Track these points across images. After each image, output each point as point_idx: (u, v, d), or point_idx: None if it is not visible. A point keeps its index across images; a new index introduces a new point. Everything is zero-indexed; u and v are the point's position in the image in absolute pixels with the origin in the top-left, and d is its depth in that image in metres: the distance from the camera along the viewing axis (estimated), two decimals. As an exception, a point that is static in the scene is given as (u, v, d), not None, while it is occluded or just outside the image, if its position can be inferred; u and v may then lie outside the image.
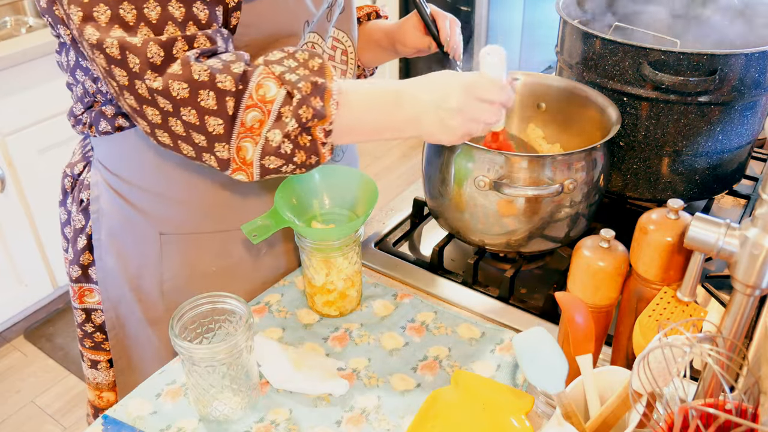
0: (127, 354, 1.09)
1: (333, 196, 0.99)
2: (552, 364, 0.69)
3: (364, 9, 1.18)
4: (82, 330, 1.10)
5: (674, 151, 1.09)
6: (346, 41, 1.01)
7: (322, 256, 0.92)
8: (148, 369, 1.07)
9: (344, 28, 1.01)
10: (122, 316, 1.06)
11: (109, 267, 1.03)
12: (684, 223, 0.71)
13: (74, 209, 1.05)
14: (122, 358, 1.09)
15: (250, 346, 0.80)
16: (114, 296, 1.04)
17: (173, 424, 0.82)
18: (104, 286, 1.04)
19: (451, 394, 0.79)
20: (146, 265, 1.01)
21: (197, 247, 0.99)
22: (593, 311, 0.75)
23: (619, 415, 0.68)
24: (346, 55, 1.02)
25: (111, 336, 1.07)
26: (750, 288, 0.61)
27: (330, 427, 0.81)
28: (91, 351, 1.12)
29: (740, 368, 0.68)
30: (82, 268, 1.05)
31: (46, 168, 2.15)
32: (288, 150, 0.79)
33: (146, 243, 0.99)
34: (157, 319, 1.04)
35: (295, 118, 0.78)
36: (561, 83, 1.15)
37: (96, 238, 1.02)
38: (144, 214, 0.98)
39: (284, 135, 0.78)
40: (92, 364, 1.13)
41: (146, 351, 1.08)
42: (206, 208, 0.97)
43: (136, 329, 1.06)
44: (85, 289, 1.07)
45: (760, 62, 1.02)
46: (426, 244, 1.16)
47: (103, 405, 1.16)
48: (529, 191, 0.93)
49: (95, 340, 1.10)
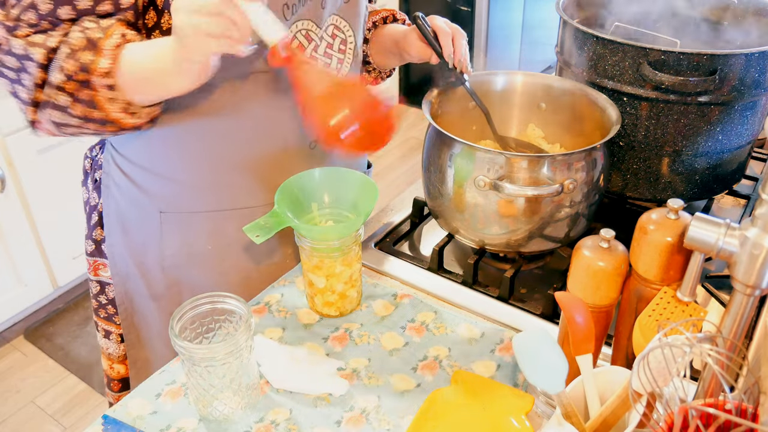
0: (136, 328, 1.14)
1: (333, 196, 0.99)
2: (552, 364, 0.69)
3: (381, 13, 1.19)
4: (97, 300, 1.17)
5: (674, 151, 1.10)
6: (347, 31, 1.03)
7: (322, 256, 0.92)
8: (154, 344, 1.14)
9: (348, 19, 1.03)
10: (130, 291, 1.11)
11: (116, 243, 1.09)
12: (684, 223, 0.71)
13: (90, 187, 1.12)
14: (131, 333, 1.15)
15: (250, 346, 0.80)
16: (122, 272, 1.10)
17: (173, 424, 0.82)
18: (113, 261, 1.10)
19: (451, 394, 0.79)
20: (148, 242, 1.06)
21: (193, 226, 1.04)
22: (593, 311, 0.75)
23: (619, 415, 0.68)
24: (345, 45, 1.03)
25: (120, 311, 1.13)
26: (750, 288, 0.61)
27: (330, 427, 0.81)
28: (105, 321, 1.17)
29: (740, 368, 0.68)
30: (95, 243, 1.13)
31: (46, 168, 2.14)
32: (66, 102, 0.84)
33: (148, 221, 1.05)
34: (159, 295, 1.09)
35: (64, 71, 0.82)
36: (561, 83, 1.15)
37: (106, 214, 1.09)
38: (146, 192, 1.04)
39: (57, 86, 0.83)
40: (105, 334, 1.19)
41: (152, 327, 1.13)
42: (201, 189, 1.01)
43: (142, 305, 1.11)
44: (99, 263, 1.13)
45: (760, 62, 1.02)
46: (426, 244, 1.16)
47: (114, 375, 1.22)
48: (529, 191, 0.93)
49: (108, 312, 1.16)
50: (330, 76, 0.84)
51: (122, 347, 1.18)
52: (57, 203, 2.20)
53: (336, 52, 1.03)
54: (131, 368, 1.18)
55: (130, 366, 1.18)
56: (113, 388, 1.23)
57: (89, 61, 0.82)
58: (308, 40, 0.97)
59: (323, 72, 0.84)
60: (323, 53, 1.01)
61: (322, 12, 0.97)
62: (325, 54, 1.01)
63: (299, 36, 0.96)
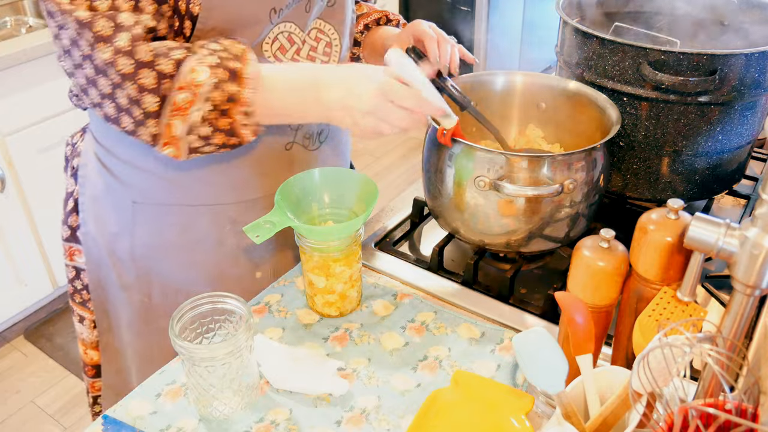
0: (108, 316, 1.15)
1: (333, 196, 0.99)
2: (552, 364, 0.69)
3: (373, 15, 1.19)
4: (72, 285, 1.17)
5: (674, 151, 1.09)
6: (332, 34, 1.03)
7: (322, 256, 0.92)
8: (122, 334, 1.15)
9: (333, 22, 1.03)
10: (102, 279, 1.12)
11: (90, 230, 1.10)
12: (684, 223, 0.71)
13: (69, 173, 1.12)
14: (103, 320, 1.16)
15: (250, 346, 0.80)
16: (95, 259, 1.11)
17: (173, 424, 0.82)
18: (87, 248, 1.11)
19: (451, 394, 0.79)
20: (121, 231, 1.06)
21: (165, 218, 1.04)
22: (593, 311, 0.75)
23: (619, 415, 0.68)
24: (330, 48, 1.04)
25: (93, 297, 1.14)
26: (750, 288, 0.61)
27: (330, 427, 0.81)
28: (79, 306, 1.18)
29: (740, 368, 0.68)
30: (70, 229, 1.14)
31: (46, 168, 2.15)
32: (207, 132, 0.85)
33: (121, 210, 1.05)
34: (129, 284, 1.09)
35: (211, 101, 0.83)
36: (561, 83, 1.15)
37: (81, 201, 1.10)
38: (120, 182, 1.04)
39: (202, 117, 0.84)
40: (80, 319, 1.20)
41: (121, 316, 1.13)
42: (174, 182, 1.01)
43: (113, 293, 1.12)
44: (75, 249, 1.14)
45: (760, 62, 1.02)
46: (426, 244, 1.16)
47: (88, 361, 1.23)
48: (529, 191, 0.93)
49: (83, 297, 1.17)
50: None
51: (95, 333, 1.19)
52: (57, 203, 2.19)
53: (320, 55, 1.03)
54: (102, 354, 1.19)
55: (102, 352, 1.19)
56: (87, 373, 1.24)
57: (236, 92, 0.83)
58: (290, 43, 0.98)
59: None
60: (306, 56, 1.01)
61: (306, 16, 0.98)
62: (309, 57, 1.01)
63: (281, 38, 0.96)
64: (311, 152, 1.07)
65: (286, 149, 1.03)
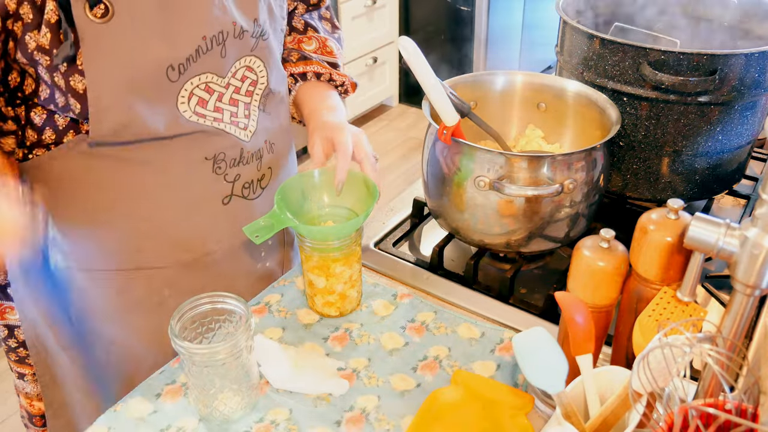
0: (51, 371, 1.08)
1: (333, 196, 0.99)
2: (552, 364, 0.69)
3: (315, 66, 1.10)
4: (6, 344, 1.10)
5: (674, 151, 1.10)
6: (260, 71, 0.97)
7: (321, 256, 0.92)
8: (70, 389, 1.08)
9: (262, 57, 0.97)
10: (41, 336, 1.05)
11: (20, 289, 1.02)
12: (684, 223, 0.71)
13: None
14: (45, 375, 1.08)
15: (250, 346, 0.80)
16: (30, 318, 1.04)
17: (173, 424, 0.82)
18: (20, 307, 1.04)
19: (451, 394, 0.80)
20: (54, 294, 1.00)
21: (100, 283, 0.99)
22: (593, 311, 0.75)
23: (619, 415, 0.68)
24: (254, 86, 0.97)
25: (32, 354, 1.06)
26: (750, 288, 0.61)
27: (330, 427, 0.81)
28: (17, 364, 1.11)
29: (740, 368, 0.68)
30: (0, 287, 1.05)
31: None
32: None
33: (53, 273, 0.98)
34: (69, 344, 1.04)
35: None
36: (561, 83, 1.15)
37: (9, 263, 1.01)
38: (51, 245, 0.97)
39: None
40: (19, 376, 1.13)
41: (66, 374, 1.07)
42: (106, 249, 0.96)
43: (54, 351, 1.05)
44: (6, 306, 1.06)
45: (760, 62, 1.02)
46: (426, 244, 1.16)
47: (35, 412, 1.16)
48: (529, 191, 0.93)
49: (19, 354, 1.10)
50: None
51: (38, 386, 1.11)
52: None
53: (243, 96, 0.96)
54: (47, 409, 1.11)
55: (47, 407, 1.10)
56: (36, 424, 1.18)
57: None
58: (209, 93, 0.91)
59: None
60: (228, 101, 0.94)
61: (222, 61, 0.91)
62: (231, 101, 0.94)
63: (198, 91, 0.89)
64: (252, 201, 1.01)
65: (223, 204, 0.98)
